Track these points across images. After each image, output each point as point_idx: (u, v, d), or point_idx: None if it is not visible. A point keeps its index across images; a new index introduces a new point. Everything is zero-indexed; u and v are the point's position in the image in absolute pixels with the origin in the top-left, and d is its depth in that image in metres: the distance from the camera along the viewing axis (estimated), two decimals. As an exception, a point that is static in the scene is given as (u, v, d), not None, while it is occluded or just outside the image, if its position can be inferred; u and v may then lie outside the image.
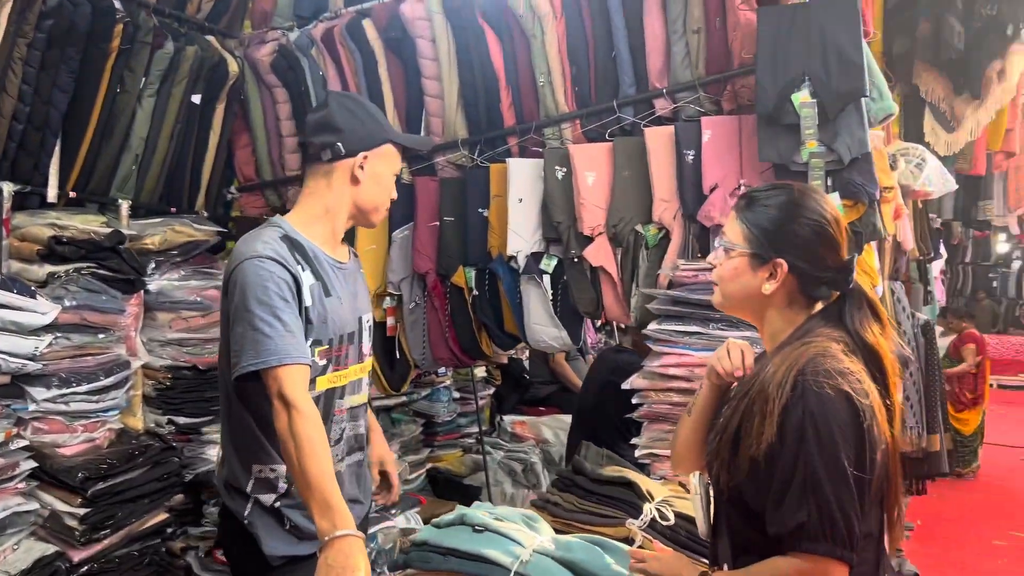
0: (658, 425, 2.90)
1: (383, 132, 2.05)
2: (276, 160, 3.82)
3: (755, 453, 1.40)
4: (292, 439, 1.75)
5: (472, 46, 3.34)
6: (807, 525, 1.36)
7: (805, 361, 1.42)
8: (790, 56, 2.72)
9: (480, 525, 1.79)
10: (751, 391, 1.47)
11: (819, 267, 1.54)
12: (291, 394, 1.79)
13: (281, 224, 2.02)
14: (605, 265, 3.09)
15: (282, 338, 1.83)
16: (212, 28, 3.67)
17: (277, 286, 1.86)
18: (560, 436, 5.49)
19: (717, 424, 1.57)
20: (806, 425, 1.37)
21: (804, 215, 1.55)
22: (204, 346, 3.51)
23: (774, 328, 1.59)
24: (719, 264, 1.63)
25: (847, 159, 2.70)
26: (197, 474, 3.34)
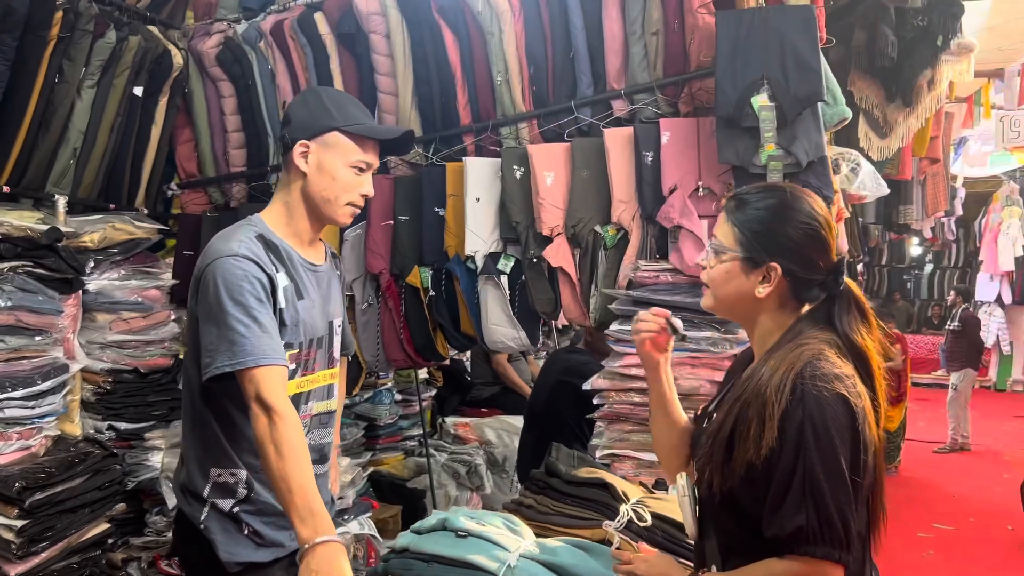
0: (619, 425, 2.90)
1: (329, 120, 1.94)
2: (220, 156, 3.69)
3: (753, 458, 1.39)
4: (272, 444, 1.70)
5: (427, 42, 3.29)
6: (806, 528, 1.36)
7: (802, 364, 1.42)
8: (749, 60, 2.75)
9: (463, 530, 1.75)
10: (745, 395, 1.46)
11: (811, 270, 1.54)
12: (270, 397, 1.73)
13: (256, 223, 1.96)
14: (564, 266, 3.08)
15: (258, 339, 1.77)
16: (154, 18, 3.53)
17: (252, 286, 1.81)
18: (503, 437, 5.47)
19: (708, 427, 1.56)
20: (806, 428, 1.37)
21: (797, 218, 1.54)
22: (146, 348, 3.39)
23: (764, 330, 1.59)
24: (710, 266, 1.62)
25: (804, 162, 2.74)
26: (140, 482, 3.22)
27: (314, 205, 1.96)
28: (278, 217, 1.98)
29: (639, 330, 1.75)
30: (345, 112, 1.97)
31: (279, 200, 2.00)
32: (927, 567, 5.38)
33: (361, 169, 1.97)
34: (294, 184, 1.97)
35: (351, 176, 1.96)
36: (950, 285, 14.44)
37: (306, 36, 3.40)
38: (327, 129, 1.93)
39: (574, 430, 3.83)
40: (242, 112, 3.61)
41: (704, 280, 1.64)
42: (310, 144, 1.93)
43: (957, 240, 14.08)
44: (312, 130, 1.93)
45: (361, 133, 1.96)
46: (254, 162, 3.65)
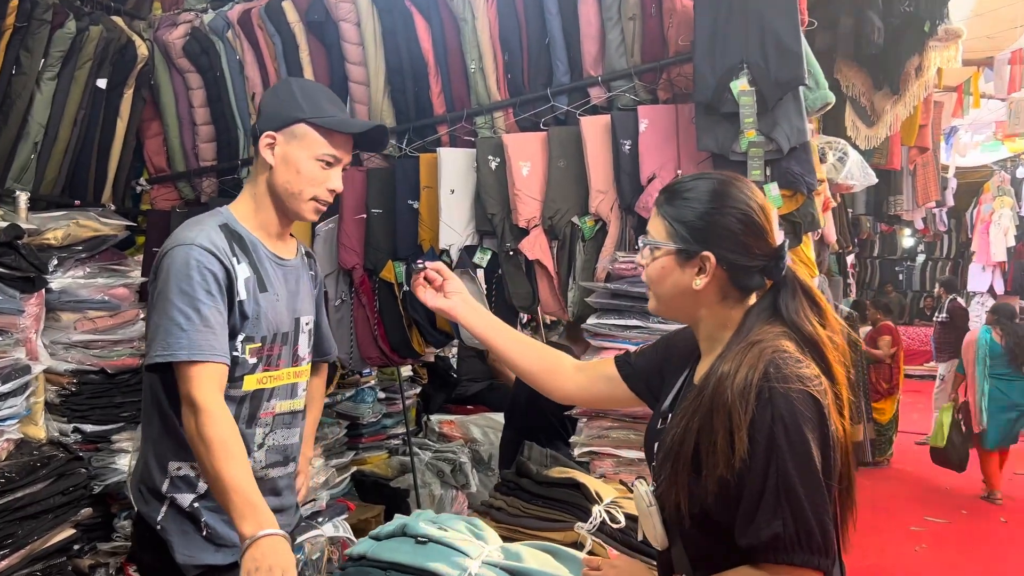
0: (597, 422, 2.81)
1: (296, 111, 1.87)
2: (189, 150, 3.59)
3: (724, 473, 1.30)
4: (202, 442, 1.66)
5: (399, 30, 3.19)
6: (783, 535, 1.27)
7: (765, 364, 1.32)
8: (728, 44, 2.67)
9: (423, 536, 1.66)
10: (703, 406, 1.36)
11: (747, 256, 1.45)
12: (197, 394, 1.69)
13: (222, 213, 1.91)
14: (541, 258, 3.00)
15: (197, 332, 1.72)
16: (119, 8, 3.43)
17: (203, 277, 1.75)
18: (489, 435, 5.39)
19: (664, 443, 1.45)
20: (776, 430, 1.28)
21: (728, 203, 1.46)
22: (112, 348, 3.29)
23: (711, 325, 1.50)
24: (647, 264, 1.53)
25: (786, 148, 2.67)
26: (107, 485, 3.11)
27: (279, 198, 1.91)
28: (245, 208, 1.93)
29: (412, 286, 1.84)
30: (314, 104, 1.90)
31: (247, 192, 1.95)
32: (920, 561, 5.32)
33: (328, 163, 1.90)
34: (260, 176, 1.92)
35: (317, 170, 1.89)
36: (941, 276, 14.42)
37: (274, 25, 3.31)
38: (293, 120, 1.87)
39: (556, 427, 3.75)
40: (211, 104, 3.52)
41: (644, 280, 1.55)
42: (276, 135, 1.88)
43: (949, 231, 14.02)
44: (278, 121, 1.88)
45: (329, 126, 1.89)
46: (224, 156, 3.56)
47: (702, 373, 1.49)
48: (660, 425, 1.55)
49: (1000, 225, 12.17)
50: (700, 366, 1.54)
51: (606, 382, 1.78)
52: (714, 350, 1.48)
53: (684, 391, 1.53)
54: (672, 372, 1.65)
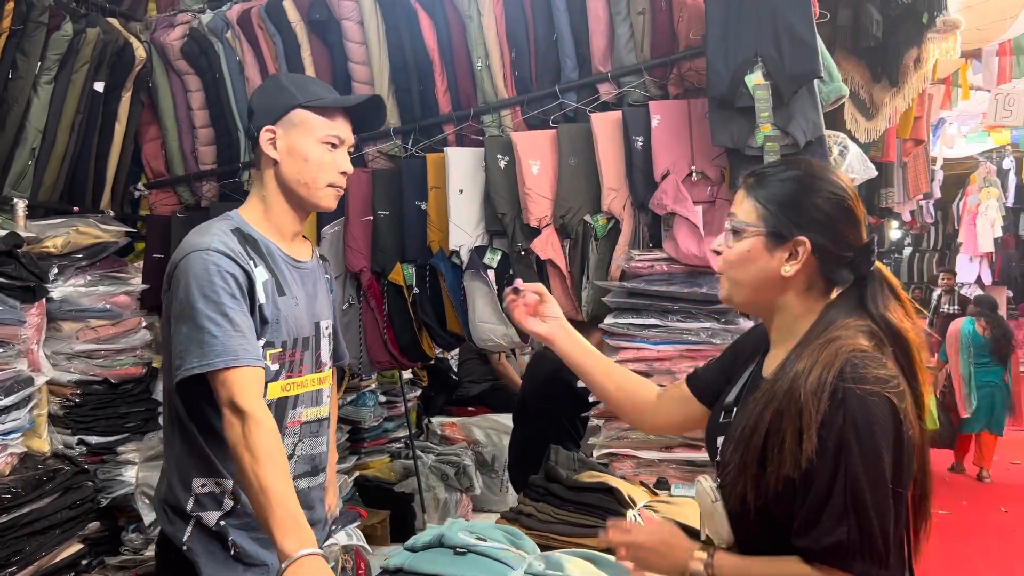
0: (616, 423, 2.78)
1: (289, 98, 1.83)
2: (189, 153, 3.52)
3: (790, 472, 1.27)
4: (247, 451, 1.58)
5: (403, 28, 3.14)
6: (846, 543, 1.24)
7: (841, 363, 1.28)
8: (741, 37, 2.63)
9: (462, 546, 1.62)
10: (775, 400, 1.32)
11: (842, 246, 1.40)
12: (243, 401, 1.61)
13: (232, 217, 1.85)
14: (553, 258, 2.95)
15: (230, 338, 1.65)
16: (114, 10, 3.35)
17: (225, 281, 1.69)
18: (492, 437, 5.35)
19: (734, 434, 1.41)
20: (848, 433, 1.24)
21: (825, 187, 1.41)
22: (115, 358, 3.22)
23: (790, 316, 1.44)
24: (727, 248, 1.47)
25: (803, 142, 2.63)
26: (114, 498, 3.06)
27: (292, 193, 1.84)
28: (255, 211, 1.87)
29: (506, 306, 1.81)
30: (305, 89, 1.86)
31: (254, 195, 1.89)
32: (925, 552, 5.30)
33: (334, 144, 1.85)
34: (267, 175, 1.85)
35: (325, 153, 1.83)
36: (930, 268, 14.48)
37: (275, 25, 3.24)
38: (289, 108, 1.82)
39: (568, 429, 3.71)
40: (210, 107, 3.45)
41: (719, 267, 1.50)
42: (275, 128, 1.82)
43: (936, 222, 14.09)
44: (274, 113, 1.83)
45: (324, 105, 1.85)
46: (224, 159, 3.49)
47: (772, 366, 1.45)
48: (723, 419, 1.51)
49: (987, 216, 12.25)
50: (769, 358, 1.50)
51: (681, 404, 1.74)
52: (786, 341, 1.44)
53: (751, 384, 1.49)
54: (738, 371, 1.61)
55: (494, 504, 5.29)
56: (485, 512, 5.24)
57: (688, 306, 2.67)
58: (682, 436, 2.67)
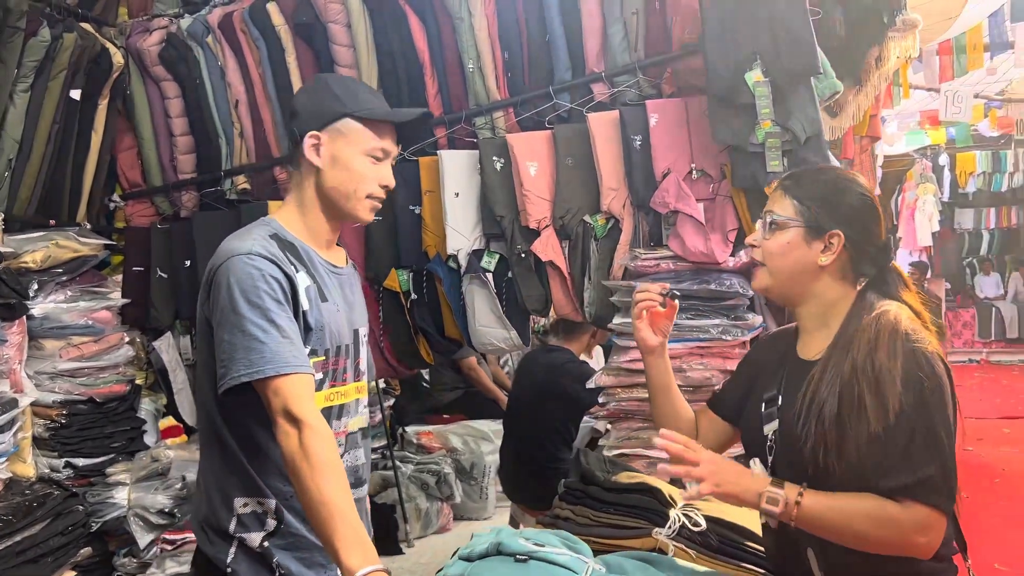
0: (626, 423, 2.77)
1: (339, 106, 1.77)
2: (167, 162, 3.41)
3: (877, 429, 1.41)
4: (306, 460, 1.52)
5: (392, 30, 3.09)
6: (932, 479, 1.39)
7: (904, 329, 1.45)
8: (739, 35, 2.65)
9: (522, 553, 1.57)
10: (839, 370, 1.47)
11: (869, 241, 1.59)
12: (298, 408, 1.56)
13: (270, 223, 1.78)
14: (554, 259, 2.93)
15: (279, 344, 1.59)
16: (86, 15, 3.22)
17: (269, 286, 1.63)
18: (470, 443, 5.30)
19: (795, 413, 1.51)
20: (924, 386, 1.41)
21: (855, 189, 1.61)
22: (99, 375, 3.10)
23: (825, 303, 1.60)
24: (763, 242, 1.63)
25: (803, 138, 2.66)
26: (105, 522, 2.92)
27: (331, 202, 1.78)
28: (293, 217, 1.80)
29: (637, 300, 1.79)
30: (355, 97, 1.79)
31: (292, 199, 1.82)
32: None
33: (378, 158, 1.79)
34: (307, 180, 1.79)
35: (368, 166, 1.77)
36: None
37: (259, 29, 3.16)
38: (338, 116, 1.75)
39: (561, 432, 3.69)
40: (190, 114, 3.34)
41: (757, 257, 1.66)
42: (321, 135, 1.75)
43: (877, 218, 14.46)
44: (321, 119, 1.76)
45: (375, 117, 1.78)
46: (205, 167, 3.39)
47: (813, 348, 1.60)
48: (767, 408, 1.62)
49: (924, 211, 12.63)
50: (804, 343, 1.64)
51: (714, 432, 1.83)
52: (823, 327, 1.59)
53: (792, 369, 1.62)
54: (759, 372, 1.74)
55: (475, 512, 5.25)
56: (466, 520, 5.19)
57: (697, 303, 2.67)
58: (692, 435, 2.68)
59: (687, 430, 1.80)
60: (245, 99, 3.25)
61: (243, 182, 3.31)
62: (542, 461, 3.69)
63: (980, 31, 7.59)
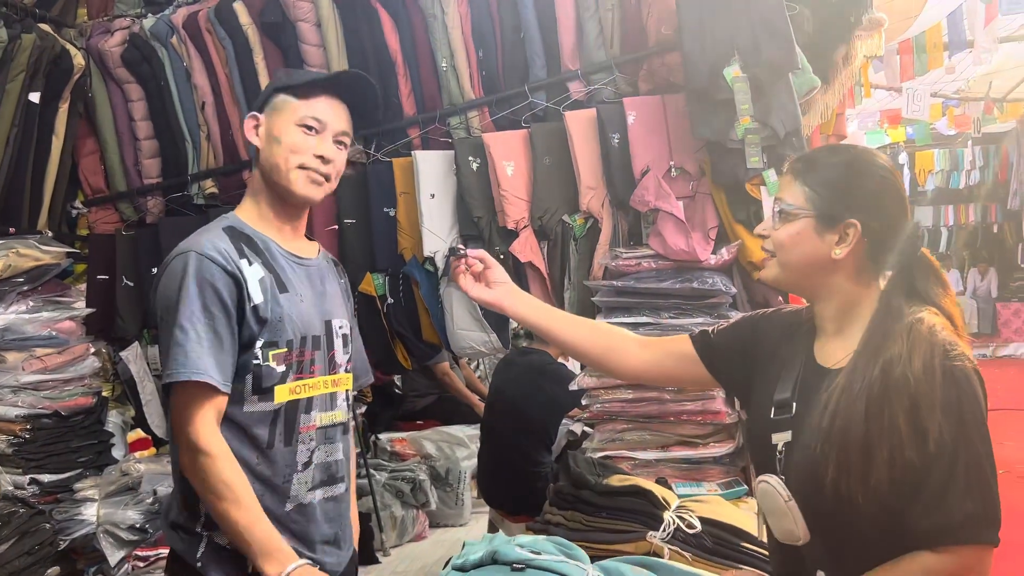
0: (610, 425, 2.72)
1: (274, 84, 1.81)
2: (131, 167, 3.30)
3: (912, 456, 1.26)
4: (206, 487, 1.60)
5: (363, 29, 3.02)
6: (975, 514, 1.26)
7: (940, 344, 1.30)
8: (717, 30, 2.62)
9: (519, 561, 1.53)
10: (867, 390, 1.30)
11: (891, 229, 1.41)
12: (191, 430, 1.60)
13: (228, 216, 1.80)
14: (534, 260, 2.88)
15: (191, 350, 1.60)
16: (44, 15, 3.11)
17: (200, 289, 1.63)
18: (444, 449, 5.24)
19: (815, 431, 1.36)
20: (964, 410, 1.27)
21: (874, 171, 1.43)
22: (64, 388, 3.00)
23: (845, 302, 1.44)
24: (773, 231, 1.48)
25: (782, 134, 2.65)
26: (73, 539, 2.82)
27: (269, 180, 1.78)
28: (249, 208, 1.82)
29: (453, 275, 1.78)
30: (295, 76, 1.83)
31: (249, 190, 1.84)
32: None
33: (310, 127, 1.75)
34: (256, 167, 1.80)
35: (299, 136, 1.74)
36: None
37: (225, 28, 3.07)
38: (272, 93, 1.78)
39: (540, 435, 3.65)
40: (154, 117, 3.24)
41: (767, 248, 1.50)
42: (259, 116, 1.78)
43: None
44: (260, 101, 1.80)
45: (300, 81, 1.78)
46: (171, 172, 3.29)
47: (833, 354, 1.44)
48: (778, 414, 1.46)
49: (885, 209, 12.80)
50: (822, 346, 1.48)
51: (676, 360, 1.70)
52: (844, 329, 1.44)
53: (808, 375, 1.46)
54: (767, 358, 1.58)
55: (451, 519, 5.18)
56: (442, 527, 5.13)
57: (680, 302, 2.64)
58: (679, 435, 2.65)
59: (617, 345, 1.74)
60: (212, 101, 3.16)
61: (211, 186, 3.22)
62: (521, 465, 3.64)
63: (939, 30, 7.69)
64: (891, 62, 8.27)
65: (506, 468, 3.66)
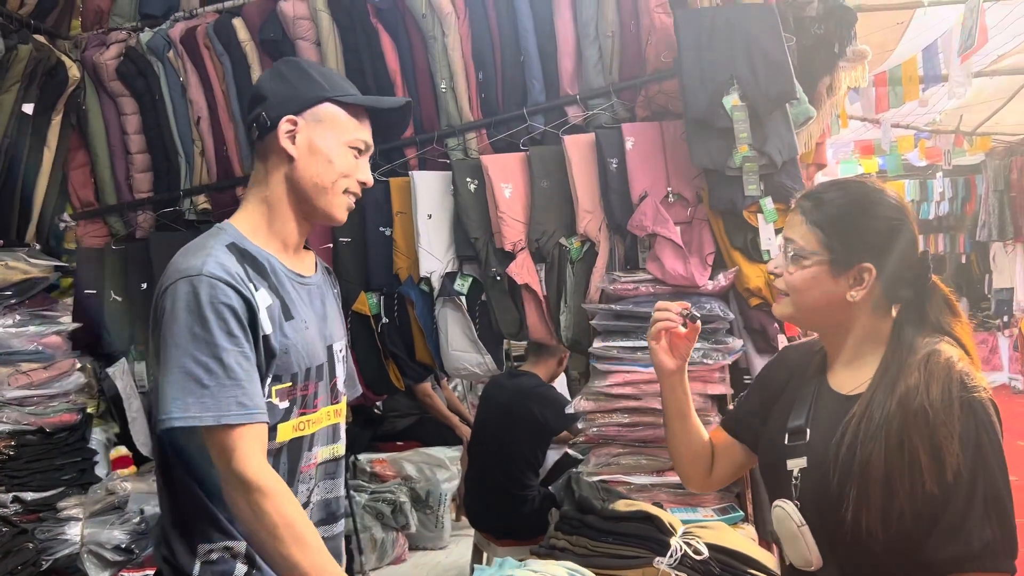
0: (606, 449, 2.72)
1: (318, 90, 1.61)
2: (122, 181, 3.27)
3: (932, 487, 1.29)
4: (264, 528, 1.42)
5: (363, 49, 3.02)
6: (993, 544, 1.27)
7: (957, 375, 1.33)
8: (716, 59, 2.67)
9: (532, 587, 1.52)
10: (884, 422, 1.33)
11: (903, 266, 1.44)
12: (244, 468, 1.42)
13: (226, 229, 1.60)
14: (530, 282, 2.88)
15: (223, 388, 1.43)
16: (39, 26, 3.08)
17: (219, 315, 1.45)
18: (425, 471, 5.20)
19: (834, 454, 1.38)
20: (982, 440, 1.30)
21: (883, 212, 1.45)
22: (50, 404, 2.95)
23: (858, 337, 1.47)
24: (787, 273, 1.49)
25: (779, 162, 2.69)
26: (56, 559, 2.75)
27: (304, 197, 1.61)
28: (255, 220, 1.63)
29: (656, 319, 1.63)
30: (333, 81, 1.65)
31: (255, 198, 1.64)
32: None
33: (360, 150, 1.65)
34: (275, 174, 1.61)
35: (350, 158, 1.63)
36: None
37: (223, 44, 3.06)
38: (318, 100, 1.59)
39: (528, 458, 3.64)
40: (147, 131, 3.21)
41: (781, 287, 1.51)
42: (298, 120, 1.58)
43: (810, 245, 14.81)
44: (298, 102, 1.59)
45: (360, 103, 1.64)
46: (163, 186, 3.25)
47: (847, 383, 1.46)
48: (792, 441, 1.48)
49: (857, 238, 12.97)
50: (836, 375, 1.50)
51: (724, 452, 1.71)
52: (857, 359, 1.46)
53: (821, 403, 1.48)
54: (779, 389, 1.61)
55: (430, 541, 5.13)
56: (422, 550, 5.08)
57: (677, 327, 2.65)
58: (673, 459, 2.65)
59: (704, 458, 1.70)
60: (207, 116, 3.14)
61: (204, 201, 3.19)
62: (508, 488, 3.63)
63: (915, 63, 7.85)
64: (867, 94, 8.43)
65: (493, 491, 3.64)
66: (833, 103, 4.85)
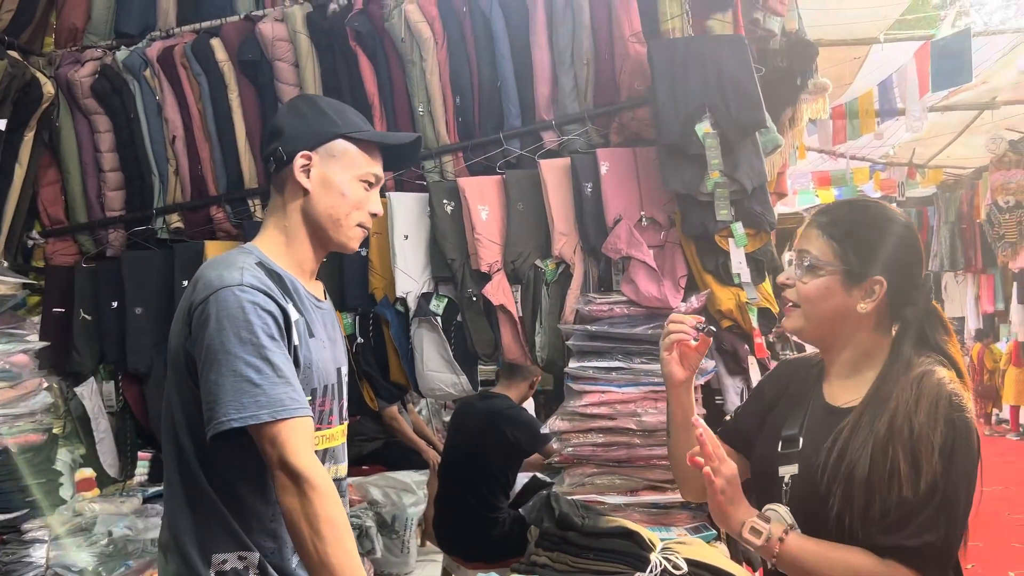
0: (580, 469, 2.75)
1: (332, 127, 1.71)
2: (94, 199, 3.24)
3: (908, 494, 1.37)
4: (308, 523, 1.45)
5: (341, 71, 3.06)
6: (933, 546, 1.36)
7: (946, 395, 1.40)
8: (689, 88, 2.73)
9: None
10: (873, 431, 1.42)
11: (911, 284, 1.53)
12: (297, 460, 1.47)
13: (252, 250, 1.68)
14: (505, 303, 2.91)
15: (274, 386, 1.50)
16: (12, 42, 3.06)
17: (263, 321, 1.53)
18: (391, 495, 5.16)
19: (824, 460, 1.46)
20: (956, 454, 1.38)
21: (896, 229, 1.53)
22: (15, 423, 2.88)
23: (859, 351, 1.55)
24: (799, 283, 1.55)
25: (750, 188, 2.76)
26: (21, 583, 2.69)
27: (318, 228, 1.71)
28: (276, 246, 1.71)
29: (670, 331, 1.66)
30: (346, 118, 1.75)
31: (273, 226, 1.73)
32: None
33: (371, 183, 1.74)
34: (292, 205, 1.71)
35: (362, 192, 1.72)
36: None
37: (201, 64, 3.07)
38: (331, 136, 1.70)
39: (499, 480, 3.65)
40: (121, 149, 3.20)
41: (791, 298, 1.57)
42: (312, 155, 1.68)
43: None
44: (314, 139, 1.69)
45: (371, 139, 1.74)
46: (135, 205, 3.23)
47: (841, 396, 1.54)
48: (785, 448, 1.55)
49: (813, 267, 13.23)
50: (831, 387, 1.57)
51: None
52: (854, 374, 1.54)
53: (813, 412, 1.56)
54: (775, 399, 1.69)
55: (396, 567, 5.08)
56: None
57: (651, 347, 2.70)
58: (647, 479, 2.69)
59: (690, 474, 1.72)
60: (183, 135, 3.14)
61: (176, 220, 3.18)
62: (478, 510, 3.64)
63: (871, 97, 8.09)
64: (824, 126, 8.65)
65: (462, 513, 3.64)
66: (794, 134, 4.98)
